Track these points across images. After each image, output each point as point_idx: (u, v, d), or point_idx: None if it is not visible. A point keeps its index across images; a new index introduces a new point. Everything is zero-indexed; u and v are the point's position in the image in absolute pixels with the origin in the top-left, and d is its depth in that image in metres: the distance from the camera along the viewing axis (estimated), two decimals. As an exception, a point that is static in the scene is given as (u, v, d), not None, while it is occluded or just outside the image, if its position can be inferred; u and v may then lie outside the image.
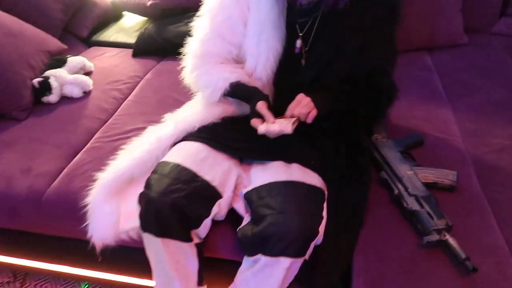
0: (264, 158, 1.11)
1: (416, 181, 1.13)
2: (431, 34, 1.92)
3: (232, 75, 1.13)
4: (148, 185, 1.01)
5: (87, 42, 2.18)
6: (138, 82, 1.77)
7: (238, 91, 1.13)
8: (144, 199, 0.99)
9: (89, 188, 1.13)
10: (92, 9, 2.23)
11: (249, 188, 1.05)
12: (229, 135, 1.13)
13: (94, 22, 2.23)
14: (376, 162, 1.24)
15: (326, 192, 1.05)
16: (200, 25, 1.16)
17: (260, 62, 1.12)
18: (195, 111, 1.19)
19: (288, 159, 1.08)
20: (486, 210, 1.11)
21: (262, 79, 1.13)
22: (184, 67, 1.21)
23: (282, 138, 1.02)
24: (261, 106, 1.03)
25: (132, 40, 2.09)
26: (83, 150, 1.38)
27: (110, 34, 2.22)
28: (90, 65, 1.83)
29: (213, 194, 1.03)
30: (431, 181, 1.15)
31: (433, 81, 1.70)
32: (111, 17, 2.37)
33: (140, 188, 1.02)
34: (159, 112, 1.38)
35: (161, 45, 1.98)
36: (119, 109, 1.59)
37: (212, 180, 1.03)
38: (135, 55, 1.99)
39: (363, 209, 1.08)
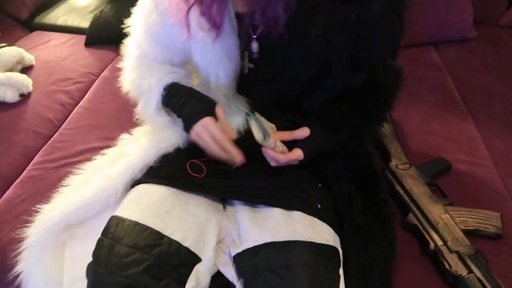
0: (256, 201, 0.84)
1: (455, 229, 0.89)
2: (439, 27, 1.69)
3: (166, 76, 0.87)
4: (96, 256, 0.73)
5: (28, 25, 1.81)
6: (93, 82, 1.43)
7: (173, 97, 0.87)
8: (91, 278, 0.71)
9: (18, 249, 0.81)
10: (34, -17, 1.83)
11: (239, 248, 0.78)
12: (203, 168, 0.86)
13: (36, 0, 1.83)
14: (399, 200, 0.99)
15: (340, 250, 0.79)
16: (135, 27, 0.93)
17: (211, 77, 0.87)
18: (153, 135, 0.92)
19: (288, 205, 0.81)
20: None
21: (218, 98, 0.88)
22: (122, 71, 0.98)
23: (276, 172, 0.81)
24: (209, 124, 0.81)
25: (85, 23, 1.75)
26: (16, 182, 1.06)
27: (58, 15, 1.85)
28: (30, 57, 1.47)
29: (187, 259, 0.75)
30: (472, 228, 0.92)
31: (447, 84, 1.47)
32: (59, -7, 1.97)
33: (94, 229, 0.78)
34: (119, 124, 1.12)
35: (121, 32, 1.61)
36: (67, 120, 1.26)
37: (184, 239, 0.76)
38: (88, 43, 1.65)
39: (391, 275, 0.82)
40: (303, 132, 0.83)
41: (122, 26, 1.49)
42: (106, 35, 1.63)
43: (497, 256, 0.88)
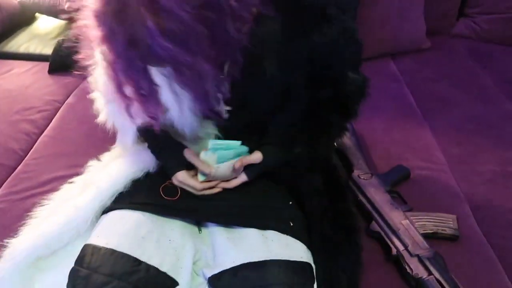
0: (231, 222, 0.85)
1: (415, 234, 0.94)
2: (394, 39, 1.78)
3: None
4: (72, 287, 0.72)
5: (-11, 54, 1.76)
6: (58, 109, 1.43)
7: (148, 141, 0.91)
8: None
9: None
10: (-7, 12, 1.81)
11: (216, 269, 0.80)
12: (177, 190, 0.87)
13: (-3, 28, 1.81)
14: (362, 209, 1.03)
15: (313, 265, 0.82)
16: (98, 56, 0.89)
17: (173, 113, 0.84)
18: (122, 161, 0.93)
19: (262, 225, 0.83)
20: (493, 261, 0.94)
21: (184, 130, 0.85)
22: (95, 99, 0.96)
23: (249, 192, 0.86)
24: (184, 179, 0.85)
25: (48, 50, 1.74)
26: (-20, 216, 1.03)
27: (20, 43, 1.83)
28: (-9, 88, 1.44)
29: (165, 284, 0.77)
30: (430, 231, 0.97)
31: (404, 94, 1.55)
32: (20, 20, 1.97)
33: (64, 259, 0.79)
34: (86, 151, 1.12)
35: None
36: (32, 150, 1.25)
37: (161, 264, 0.77)
38: (52, 70, 1.64)
39: (358, 283, 0.85)
40: (257, 157, 0.86)
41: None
42: (69, 61, 1.62)
43: (455, 256, 0.93)
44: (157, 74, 0.67)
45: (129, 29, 0.58)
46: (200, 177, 0.85)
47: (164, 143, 0.89)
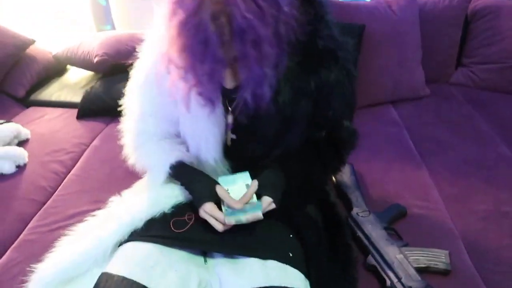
0: (234, 252, 0.93)
1: (408, 267, 1.00)
2: (394, 87, 1.90)
3: (171, 155, 0.99)
4: None
5: (24, 102, 1.95)
6: (84, 151, 1.56)
7: (180, 176, 1.00)
8: None
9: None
10: (30, 64, 2.02)
11: None
12: (185, 225, 0.96)
13: (33, 79, 2.01)
14: (360, 243, 1.11)
15: None
16: (130, 103, 1.04)
17: (201, 144, 0.98)
18: (141, 200, 1.02)
19: (264, 255, 0.91)
20: (485, 295, 1.00)
21: (208, 161, 1.00)
22: (124, 146, 1.09)
23: (252, 225, 0.90)
24: (211, 210, 0.91)
25: (77, 98, 1.90)
26: (13, 246, 1.14)
27: (52, 91, 2.00)
28: (26, 132, 1.60)
29: None
30: (424, 265, 1.03)
31: (403, 138, 1.64)
32: (54, 72, 2.17)
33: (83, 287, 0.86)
34: (108, 188, 1.22)
35: (110, 105, 1.78)
36: (60, 187, 1.37)
37: None
38: (80, 116, 1.79)
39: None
40: (255, 186, 0.93)
41: (111, 99, 1.66)
42: (96, 108, 1.79)
43: (447, 288, 0.98)
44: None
45: (215, 3, 0.67)
46: (225, 212, 0.91)
47: (195, 176, 0.98)
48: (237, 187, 0.95)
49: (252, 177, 0.97)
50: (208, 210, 0.92)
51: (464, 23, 2.02)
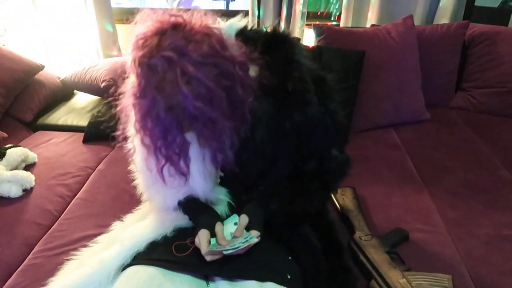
0: (234, 276, 0.94)
1: (411, 292, 1.01)
2: (395, 111, 1.93)
3: (180, 191, 1.02)
4: None
5: (32, 126, 1.98)
6: (90, 175, 1.58)
7: (188, 211, 1.04)
8: None
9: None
10: (38, 90, 2.07)
11: None
12: (187, 249, 0.97)
13: (40, 103, 2.05)
14: (362, 268, 1.11)
15: None
16: (136, 144, 1.04)
17: (197, 189, 1.01)
18: (144, 224, 1.04)
19: (262, 277, 0.92)
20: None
21: (198, 194, 1.02)
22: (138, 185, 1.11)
23: (252, 249, 0.92)
24: (200, 237, 0.94)
25: (84, 122, 1.93)
26: (18, 270, 1.15)
27: (59, 116, 2.04)
28: (33, 156, 1.63)
29: None
30: (427, 290, 1.03)
31: (405, 162, 1.66)
32: (61, 96, 2.22)
33: None
34: (113, 212, 1.24)
35: (115, 129, 1.82)
36: (65, 211, 1.38)
37: None
38: (86, 140, 1.82)
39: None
40: (245, 220, 0.97)
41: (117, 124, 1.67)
42: (102, 132, 1.82)
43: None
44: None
45: (167, 98, 0.74)
46: (212, 241, 0.95)
47: (202, 209, 1.02)
48: (228, 226, 0.99)
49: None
50: (199, 236, 0.94)
51: (462, 48, 2.07)
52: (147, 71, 0.75)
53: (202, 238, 0.94)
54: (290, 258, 0.98)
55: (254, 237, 0.93)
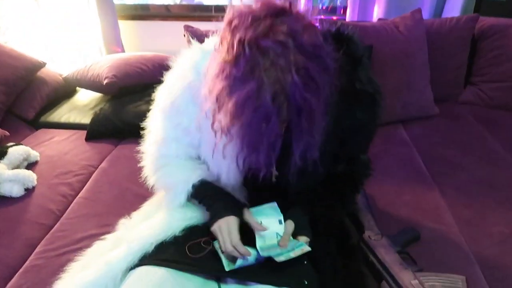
0: (248, 279, 0.91)
1: (424, 294, 0.97)
2: (403, 107, 1.89)
3: (194, 174, 0.99)
4: None
5: (34, 124, 1.95)
6: (92, 173, 1.55)
7: (202, 193, 0.99)
8: None
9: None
10: (40, 87, 2.04)
11: None
12: (200, 250, 0.94)
13: (42, 101, 2.03)
14: (373, 269, 1.08)
15: None
16: (153, 126, 1.04)
17: (222, 171, 0.97)
18: (152, 224, 1.00)
19: (278, 282, 0.89)
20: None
21: (227, 186, 1.00)
22: (144, 167, 1.08)
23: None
24: (231, 224, 0.90)
25: (86, 120, 1.91)
26: (20, 271, 1.12)
27: (61, 113, 2.01)
28: (35, 154, 1.60)
29: None
30: (440, 292, 0.99)
31: (414, 159, 1.62)
32: (63, 94, 2.19)
33: None
34: (116, 211, 1.21)
35: (118, 127, 1.80)
36: (68, 210, 1.35)
37: None
38: (89, 138, 1.79)
39: None
40: (291, 227, 0.94)
41: (120, 121, 1.66)
42: (104, 129, 1.79)
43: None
44: None
45: (275, 83, 0.69)
46: (259, 242, 0.91)
47: (219, 194, 0.98)
48: (270, 221, 0.94)
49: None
50: (231, 224, 0.90)
51: (471, 42, 2.02)
52: (257, 53, 0.69)
53: (232, 226, 0.90)
54: (305, 262, 0.95)
55: (305, 244, 0.91)
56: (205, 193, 0.99)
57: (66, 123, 1.94)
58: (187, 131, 0.98)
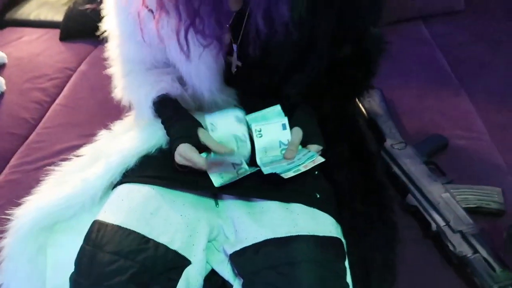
0: (250, 194, 0.78)
1: (457, 208, 0.86)
2: (424, 0, 1.64)
3: (155, 88, 0.84)
4: (78, 265, 0.69)
5: (-1, 22, 1.70)
6: (70, 77, 1.37)
7: (161, 113, 0.86)
8: None
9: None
10: (2, -23, 1.73)
11: (237, 246, 0.73)
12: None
13: (7, -5, 1.74)
14: (396, 181, 0.95)
15: (344, 240, 0.76)
16: (109, 27, 0.87)
17: (192, 73, 0.81)
18: (134, 134, 0.88)
19: (286, 198, 0.76)
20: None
21: (203, 93, 0.84)
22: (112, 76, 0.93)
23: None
24: (186, 152, 0.77)
25: (59, 17, 1.67)
26: (-7, 187, 0.99)
27: (30, 9, 1.76)
28: (2, 56, 1.41)
29: (176, 263, 0.71)
30: (474, 205, 0.88)
31: (437, 59, 1.43)
32: (30, -14, 1.88)
33: (77, 233, 0.74)
34: (99, 120, 1.08)
35: (97, 23, 1.54)
36: (44, 119, 1.20)
37: (171, 242, 0.71)
38: (63, 37, 1.58)
39: (394, 260, 0.78)
40: (298, 135, 0.79)
41: (98, 17, 1.41)
42: (81, 27, 1.55)
43: (500, 233, 0.84)
44: None
45: None
46: (259, 154, 0.79)
47: (175, 115, 0.84)
48: (272, 127, 0.79)
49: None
50: (182, 153, 0.77)
51: None
52: None
53: (188, 154, 0.77)
54: (316, 172, 0.81)
55: (316, 154, 0.76)
56: (165, 114, 0.86)
57: (36, 21, 1.71)
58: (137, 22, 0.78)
